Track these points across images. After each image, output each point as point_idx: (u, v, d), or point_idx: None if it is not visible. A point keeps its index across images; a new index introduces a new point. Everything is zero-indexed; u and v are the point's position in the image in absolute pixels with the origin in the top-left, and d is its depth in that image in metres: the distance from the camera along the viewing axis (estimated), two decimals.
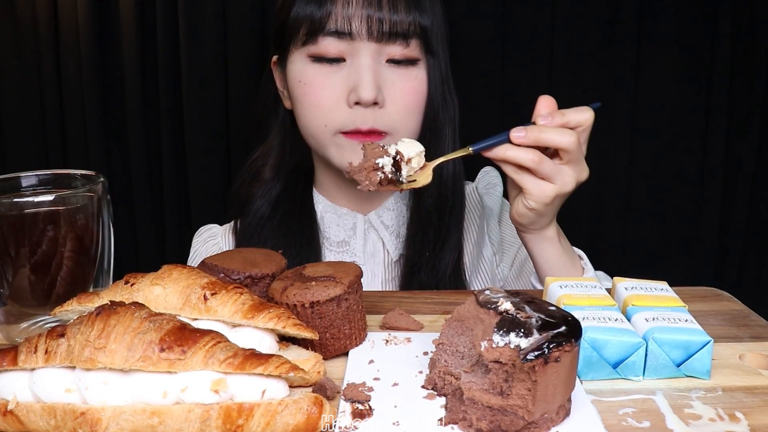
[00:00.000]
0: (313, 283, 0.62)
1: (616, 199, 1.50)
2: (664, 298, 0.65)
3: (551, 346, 0.48)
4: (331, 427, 0.50)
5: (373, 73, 0.90)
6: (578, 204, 0.78)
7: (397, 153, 0.69)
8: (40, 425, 0.50)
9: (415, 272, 0.98)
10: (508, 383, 0.49)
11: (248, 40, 1.46)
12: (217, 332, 0.52)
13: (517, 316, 0.51)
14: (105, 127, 1.53)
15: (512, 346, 0.49)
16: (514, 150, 0.75)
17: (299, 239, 1.00)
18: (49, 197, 0.66)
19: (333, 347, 0.62)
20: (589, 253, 0.93)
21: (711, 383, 0.58)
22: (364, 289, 0.66)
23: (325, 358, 0.61)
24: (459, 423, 0.51)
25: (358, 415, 0.52)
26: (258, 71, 1.34)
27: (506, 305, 0.53)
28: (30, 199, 0.66)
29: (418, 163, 0.71)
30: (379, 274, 1.03)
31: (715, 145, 1.47)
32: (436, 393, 0.55)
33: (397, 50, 0.92)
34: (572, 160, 0.76)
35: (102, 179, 0.70)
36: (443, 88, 0.98)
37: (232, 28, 1.45)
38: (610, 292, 0.71)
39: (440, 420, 0.52)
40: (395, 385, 0.57)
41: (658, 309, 0.62)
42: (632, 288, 0.67)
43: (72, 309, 0.60)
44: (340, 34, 0.90)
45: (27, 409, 0.50)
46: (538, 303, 0.54)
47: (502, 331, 0.50)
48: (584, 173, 0.79)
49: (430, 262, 0.97)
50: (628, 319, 0.62)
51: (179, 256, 1.51)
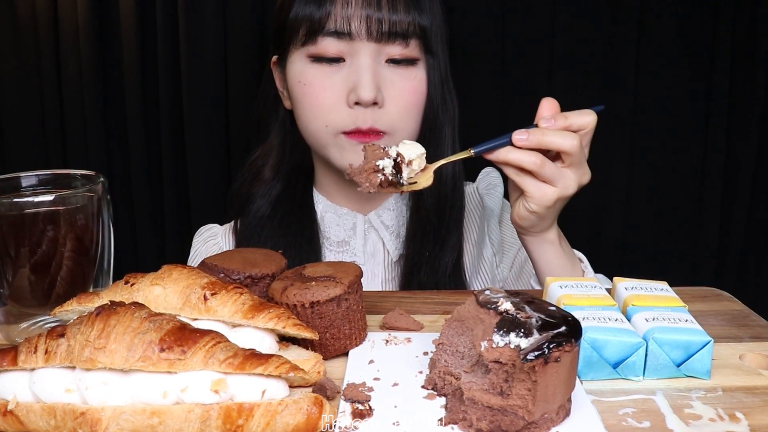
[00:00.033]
0: (313, 283, 0.62)
1: (617, 199, 1.50)
2: (664, 298, 0.65)
3: (551, 346, 0.48)
4: (331, 427, 0.50)
5: (372, 73, 0.90)
6: (578, 204, 0.78)
7: (398, 155, 0.69)
8: (40, 425, 0.50)
9: (415, 272, 0.98)
10: (508, 383, 0.49)
11: (248, 40, 1.46)
12: (217, 332, 0.52)
13: (517, 316, 0.51)
14: (105, 127, 1.53)
15: (512, 346, 0.49)
16: (516, 153, 0.74)
17: (299, 239, 1.00)
18: (49, 197, 0.66)
19: (333, 347, 0.62)
20: (589, 253, 0.93)
21: (711, 383, 0.58)
22: (364, 289, 0.66)
23: (325, 358, 0.61)
24: (459, 423, 0.51)
25: (358, 415, 0.51)
26: (258, 71, 1.34)
27: (506, 305, 0.52)
28: (30, 199, 0.66)
29: (419, 165, 0.71)
30: (379, 274, 1.03)
31: (715, 145, 1.47)
32: (436, 393, 0.55)
33: (397, 50, 0.92)
34: (574, 163, 0.76)
35: (102, 179, 0.70)
36: (443, 88, 0.98)
37: (232, 28, 1.45)
38: (610, 292, 0.71)
39: (440, 420, 0.52)
40: (395, 385, 0.57)
41: (658, 309, 0.62)
42: (632, 288, 0.67)
43: (72, 309, 0.60)
44: (339, 35, 0.90)
45: (27, 409, 0.50)
46: (538, 303, 0.54)
47: (502, 331, 0.50)
48: (586, 176, 0.78)
49: (430, 262, 0.97)
50: (628, 319, 0.62)
51: (179, 256, 1.51)
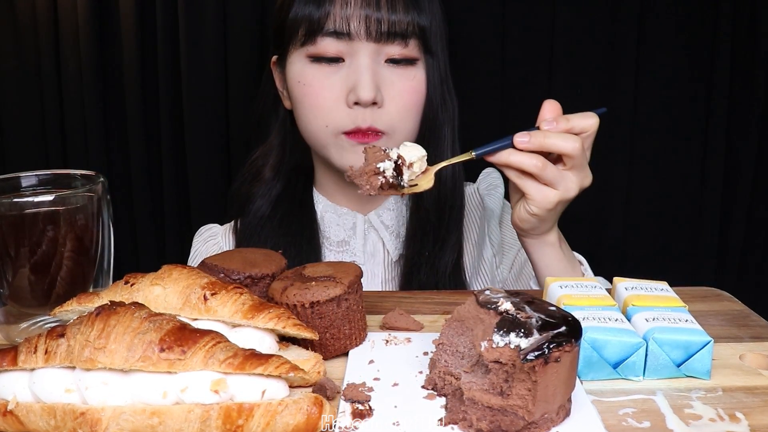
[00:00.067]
0: (313, 283, 0.62)
1: (617, 199, 1.50)
2: (665, 298, 0.65)
3: (551, 346, 0.48)
4: (331, 428, 0.50)
5: (371, 73, 0.90)
6: (578, 204, 0.78)
7: (399, 157, 0.68)
8: (40, 425, 0.50)
9: (415, 272, 0.98)
10: (508, 383, 0.49)
11: (248, 40, 1.46)
12: (217, 332, 0.52)
13: (517, 316, 0.51)
14: (105, 127, 1.53)
15: (512, 346, 0.49)
16: (518, 155, 0.73)
17: (299, 239, 1.00)
18: (49, 197, 0.66)
19: (333, 347, 0.62)
20: (589, 253, 0.93)
21: (711, 383, 0.58)
22: (364, 289, 0.66)
23: (325, 358, 0.61)
24: (459, 423, 0.51)
25: (358, 416, 0.51)
26: (258, 71, 1.34)
27: (506, 305, 0.52)
28: (30, 199, 0.66)
29: (419, 168, 0.70)
30: (379, 274, 1.03)
31: (715, 146, 1.47)
32: (436, 393, 0.55)
33: (396, 50, 0.92)
34: (576, 166, 0.75)
35: (102, 179, 0.70)
36: (442, 88, 0.98)
37: (232, 28, 1.45)
38: (610, 292, 0.71)
39: (440, 420, 0.52)
40: (395, 385, 0.57)
41: (659, 309, 0.62)
42: (632, 288, 0.67)
43: (72, 309, 0.60)
44: (338, 35, 0.90)
45: (27, 409, 0.50)
46: (538, 303, 0.54)
47: (502, 332, 0.50)
48: (587, 179, 0.78)
49: (430, 262, 0.97)
50: (629, 320, 0.62)
51: (179, 256, 1.51)
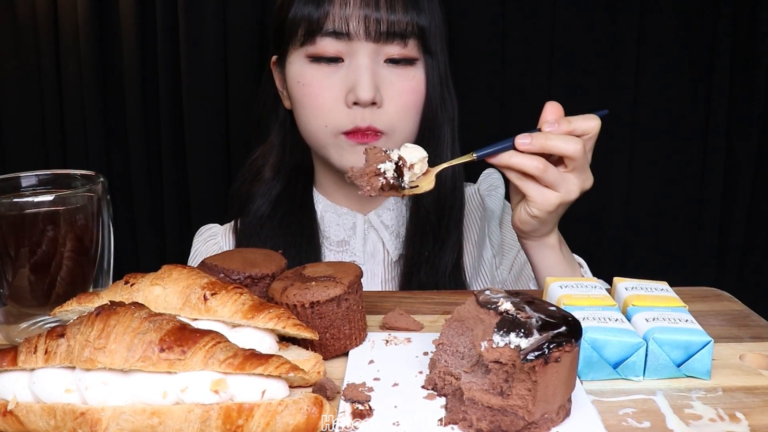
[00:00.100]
0: (313, 283, 0.62)
1: (617, 199, 1.50)
2: (665, 298, 0.65)
3: (551, 347, 0.48)
4: (331, 428, 0.50)
5: (371, 73, 0.90)
6: (578, 204, 0.78)
7: (400, 158, 0.68)
8: (40, 425, 0.50)
9: (415, 272, 0.97)
10: (508, 383, 0.49)
11: (248, 40, 1.46)
12: (217, 332, 0.52)
13: (518, 316, 0.51)
14: (105, 127, 1.53)
15: (512, 347, 0.49)
16: (519, 157, 0.73)
17: (299, 239, 1.00)
18: (49, 197, 0.66)
19: (333, 347, 0.62)
20: (589, 253, 0.93)
21: (711, 383, 0.58)
22: (363, 289, 0.66)
23: (325, 358, 0.61)
24: (459, 423, 0.51)
25: (358, 416, 0.51)
26: (258, 71, 1.34)
27: (506, 305, 0.52)
28: (30, 199, 0.66)
29: (420, 169, 0.70)
30: (378, 273, 1.03)
31: (715, 146, 1.47)
32: (436, 393, 0.55)
33: (395, 50, 0.92)
34: (577, 168, 0.75)
35: (102, 179, 0.70)
36: (442, 88, 0.98)
37: (232, 28, 1.46)
38: (610, 292, 0.71)
39: (440, 420, 0.52)
40: (395, 385, 0.57)
41: (659, 309, 0.62)
42: (632, 288, 0.67)
43: (72, 309, 0.60)
44: (337, 35, 0.90)
45: (27, 409, 0.50)
46: (538, 303, 0.54)
47: (502, 332, 0.50)
48: (588, 181, 0.77)
49: (430, 262, 0.97)
50: (629, 320, 0.62)
51: (179, 256, 1.51)
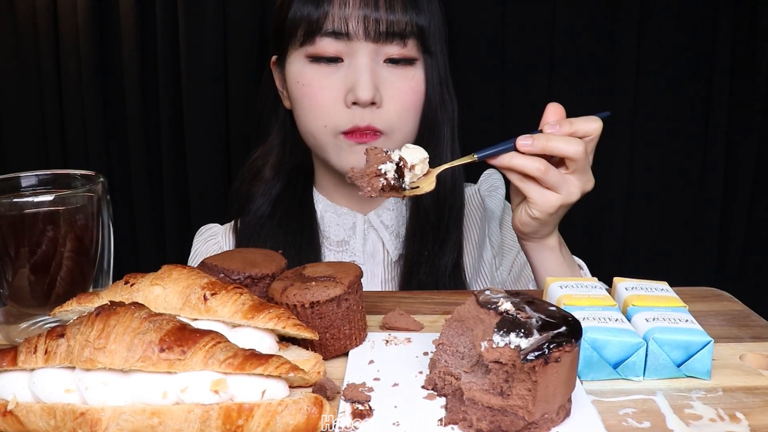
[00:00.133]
0: (313, 283, 0.62)
1: (617, 199, 1.50)
2: (665, 298, 0.65)
3: (551, 347, 0.48)
4: (331, 428, 0.50)
5: (370, 73, 0.90)
6: (578, 204, 0.78)
7: (401, 159, 0.68)
8: (40, 425, 0.50)
9: (415, 272, 0.97)
10: (508, 383, 0.49)
11: (248, 40, 1.46)
12: (217, 332, 0.52)
13: (518, 316, 0.51)
14: (105, 127, 1.53)
15: (512, 347, 0.49)
16: (520, 158, 0.73)
17: (299, 238, 1.00)
18: (49, 197, 0.66)
19: (333, 347, 0.62)
20: (589, 253, 0.93)
21: (711, 383, 0.58)
22: (363, 289, 0.66)
23: (325, 359, 0.61)
24: (459, 423, 0.51)
25: (358, 416, 0.51)
26: (258, 71, 1.34)
27: (506, 305, 0.52)
28: (30, 199, 0.66)
29: (421, 170, 0.70)
30: (378, 273, 1.03)
31: (715, 146, 1.47)
32: (436, 393, 0.55)
33: (395, 50, 0.92)
34: (578, 170, 0.75)
35: (102, 179, 0.70)
36: (441, 88, 0.98)
37: (232, 28, 1.46)
38: (611, 292, 0.71)
39: (440, 420, 0.52)
40: (395, 385, 0.57)
41: (659, 309, 0.62)
42: (632, 288, 0.67)
43: (72, 309, 0.60)
44: (337, 35, 0.90)
45: (27, 409, 0.50)
46: (539, 303, 0.54)
47: (502, 332, 0.50)
48: (590, 183, 0.77)
49: (429, 262, 0.97)
50: (629, 320, 0.62)
51: (179, 256, 1.51)
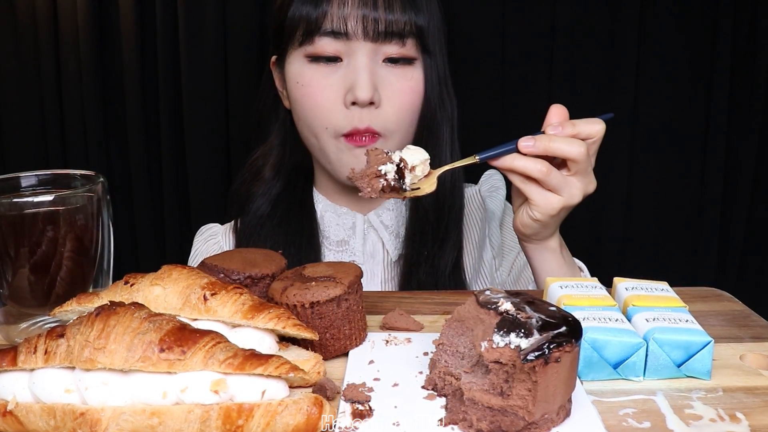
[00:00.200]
0: (313, 283, 0.62)
1: (617, 199, 1.50)
2: (665, 298, 0.65)
3: (551, 347, 0.48)
4: (331, 428, 0.50)
5: (369, 72, 0.90)
6: (579, 204, 0.78)
7: (401, 160, 0.68)
8: (40, 426, 0.50)
9: (414, 272, 0.97)
10: (508, 384, 0.49)
11: (248, 40, 1.46)
12: (217, 333, 0.52)
13: (518, 316, 0.51)
14: (105, 127, 1.53)
15: (512, 347, 0.49)
16: (522, 160, 0.73)
17: (299, 238, 1.00)
18: (49, 197, 0.66)
19: (333, 347, 0.62)
20: (589, 253, 0.93)
21: (712, 384, 0.58)
22: (363, 289, 0.66)
23: (325, 359, 0.61)
24: (459, 423, 0.51)
25: (358, 416, 0.51)
26: (258, 71, 1.34)
27: (506, 305, 0.52)
28: (30, 199, 0.66)
29: (422, 171, 0.69)
30: (378, 273, 1.03)
31: (715, 146, 1.47)
32: (436, 393, 0.55)
33: (394, 50, 0.92)
34: (580, 172, 0.75)
35: (102, 179, 0.70)
36: (441, 87, 0.97)
37: (232, 28, 1.46)
38: (611, 292, 0.71)
39: (440, 420, 0.52)
40: (395, 385, 0.57)
41: (659, 309, 0.62)
42: (633, 288, 0.67)
43: (71, 309, 0.60)
44: (336, 34, 0.90)
45: (26, 409, 0.50)
46: (539, 303, 0.54)
47: (502, 332, 0.50)
48: (591, 185, 0.77)
49: (429, 262, 0.97)
50: (629, 320, 0.62)
51: (179, 256, 1.51)
